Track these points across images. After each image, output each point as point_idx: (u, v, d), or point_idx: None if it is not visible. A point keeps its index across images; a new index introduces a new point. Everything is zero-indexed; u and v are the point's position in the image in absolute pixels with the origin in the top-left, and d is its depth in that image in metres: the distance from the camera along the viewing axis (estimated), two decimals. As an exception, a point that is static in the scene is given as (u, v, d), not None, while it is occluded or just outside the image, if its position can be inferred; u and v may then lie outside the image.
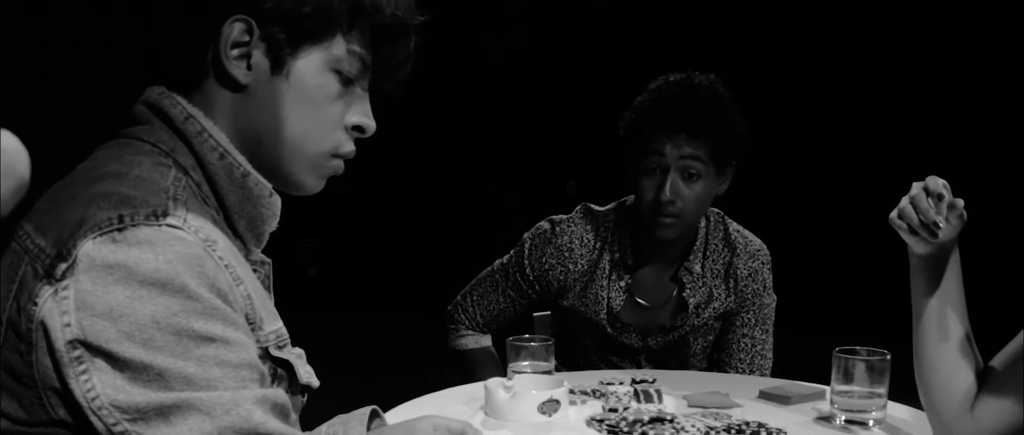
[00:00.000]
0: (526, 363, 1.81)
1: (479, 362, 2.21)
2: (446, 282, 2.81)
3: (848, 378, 1.54)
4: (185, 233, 0.90)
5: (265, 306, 1.02)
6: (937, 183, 1.31)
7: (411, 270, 5.42)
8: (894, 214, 1.35)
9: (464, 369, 2.21)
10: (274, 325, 1.02)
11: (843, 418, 1.55)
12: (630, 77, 2.17)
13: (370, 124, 1.08)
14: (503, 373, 2.14)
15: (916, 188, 1.33)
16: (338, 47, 1.02)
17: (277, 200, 1.07)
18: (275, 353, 1.00)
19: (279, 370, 1.01)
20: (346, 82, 1.04)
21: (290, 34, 0.99)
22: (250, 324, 0.96)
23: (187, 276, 0.88)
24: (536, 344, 1.81)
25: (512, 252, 2.18)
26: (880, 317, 3.61)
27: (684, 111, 1.94)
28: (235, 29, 0.98)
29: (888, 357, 1.54)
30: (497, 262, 2.21)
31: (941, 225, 1.29)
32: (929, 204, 1.30)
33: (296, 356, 1.04)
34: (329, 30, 1.01)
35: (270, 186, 1.06)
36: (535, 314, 2.33)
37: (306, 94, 1.02)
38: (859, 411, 1.53)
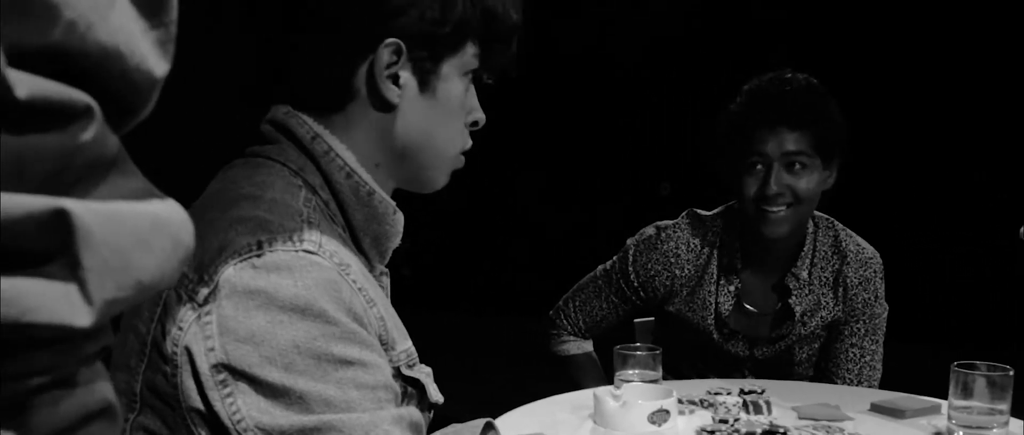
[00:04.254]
0: (633, 372, 1.81)
1: (582, 367, 2.23)
2: (539, 283, 2.84)
3: (967, 393, 1.51)
4: (321, 258, 0.93)
5: (396, 326, 1.05)
6: None
7: (500, 272, 5.46)
8: None
9: (566, 374, 2.22)
10: (404, 344, 1.05)
11: (961, 434, 1.51)
12: (705, 80, 2.17)
13: (483, 117, 1.13)
14: (605, 379, 2.16)
15: None
16: (468, 53, 1.06)
17: (400, 217, 1.11)
18: (406, 372, 1.03)
19: (409, 388, 1.04)
20: (468, 83, 1.09)
21: (433, 51, 1.03)
22: (383, 345, 0.99)
23: (325, 301, 0.91)
24: (644, 353, 1.82)
25: (615, 258, 2.18)
26: (989, 329, 3.51)
27: (782, 105, 1.95)
28: (386, 54, 1.01)
29: (1011, 372, 1.50)
30: (599, 268, 2.22)
31: None
32: None
33: (425, 375, 1.07)
34: (463, 41, 1.05)
35: (394, 204, 1.09)
36: (636, 321, 2.33)
37: (448, 104, 1.06)
38: (979, 428, 1.50)
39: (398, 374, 1.02)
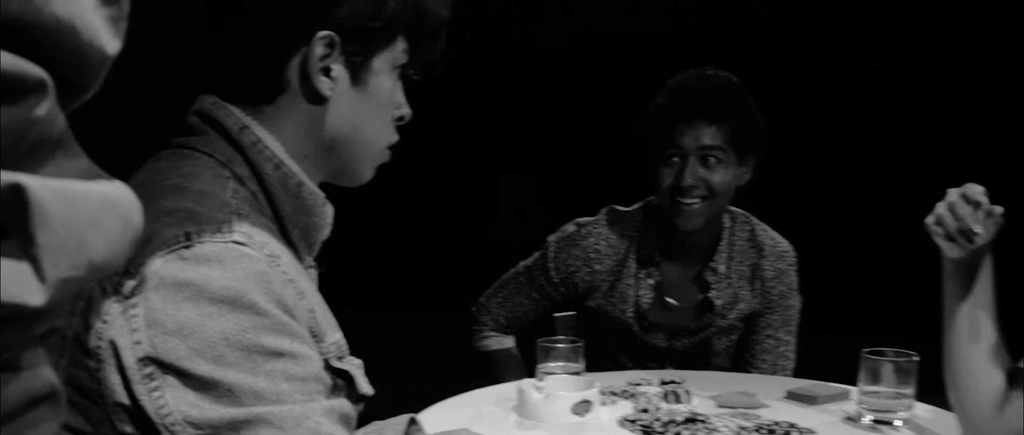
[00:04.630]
0: (556, 364, 1.84)
1: (503, 363, 2.25)
2: (462, 279, 2.84)
3: (876, 379, 1.58)
4: (251, 249, 0.92)
5: (326, 318, 1.05)
6: (975, 190, 1.34)
7: (420, 267, 5.43)
8: (931, 219, 1.38)
9: (489, 370, 2.24)
10: (334, 336, 1.05)
11: (870, 418, 1.58)
12: (649, 78, 2.21)
13: (409, 112, 1.14)
14: (526, 374, 2.18)
15: (954, 195, 1.36)
16: (398, 48, 1.07)
17: (329, 209, 1.11)
18: (336, 364, 1.03)
19: (339, 381, 1.04)
20: (397, 78, 1.10)
21: (366, 45, 1.04)
22: (314, 336, 0.99)
23: (255, 292, 0.90)
24: (565, 346, 1.85)
25: (536, 254, 2.21)
26: (896, 318, 3.63)
27: (700, 100, 2.00)
28: (319, 47, 1.01)
29: (916, 358, 1.57)
30: (521, 264, 2.24)
31: (978, 232, 1.32)
32: (968, 211, 1.33)
33: (355, 367, 1.07)
34: (395, 35, 1.06)
35: (322, 196, 1.09)
36: (556, 315, 2.36)
37: (378, 98, 1.07)
38: (886, 411, 1.56)
39: (328, 366, 1.02)
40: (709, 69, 2.07)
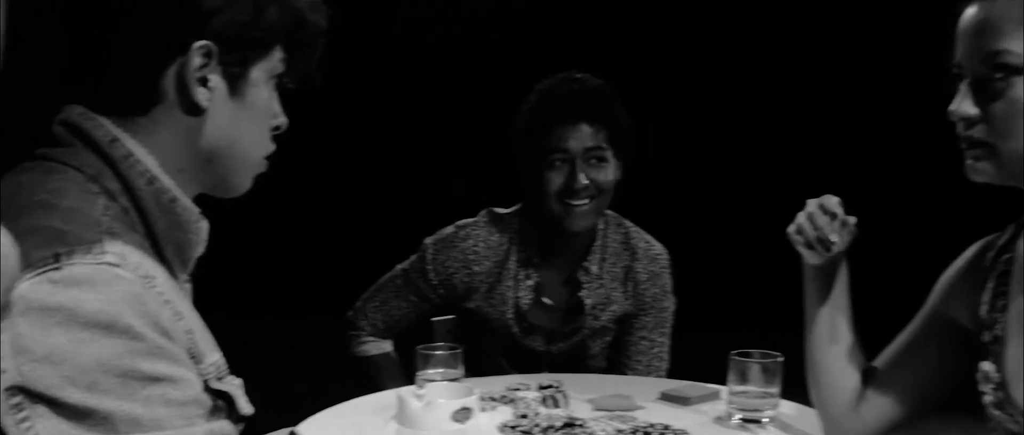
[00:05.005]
0: (435, 371, 1.85)
1: (382, 368, 2.24)
2: (338, 283, 2.82)
3: (744, 379, 1.64)
4: (124, 271, 0.89)
5: (205, 338, 1.02)
6: (832, 201, 1.42)
7: (296, 273, 5.33)
8: (792, 229, 1.45)
9: (368, 376, 2.23)
10: (214, 356, 1.02)
11: (739, 417, 1.64)
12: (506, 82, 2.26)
13: (286, 122, 1.12)
14: (406, 379, 2.18)
15: (812, 205, 1.43)
16: (275, 58, 1.06)
17: (205, 225, 1.08)
18: (215, 385, 1.00)
19: (219, 402, 1.02)
20: (273, 88, 1.08)
21: (243, 55, 1.02)
22: (192, 357, 0.97)
23: (130, 316, 0.87)
24: (445, 352, 1.85)
25: (414, 257, 2.21)
26: (762, 318, 3.77)
27: (580, 102, 2.05)
28: (196, 56, 0.98)
29: (780, 359, 1.64)
30: (398, 267, 2.24)
31: (835, 241, 1.40)
32: (825, 221, 1.40)
33: (235, 387, 1.05)
34: (273, 45, 1.04)
35: (197, 211, 1.06)
36: (434, 319, 2.36)
37: (255, 109, 1.05)
38: (754, 410, 1.63)
39: (207, 388, 1.00)
40: (575, 72, 2.12)
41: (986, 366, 1.27)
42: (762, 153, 5.09)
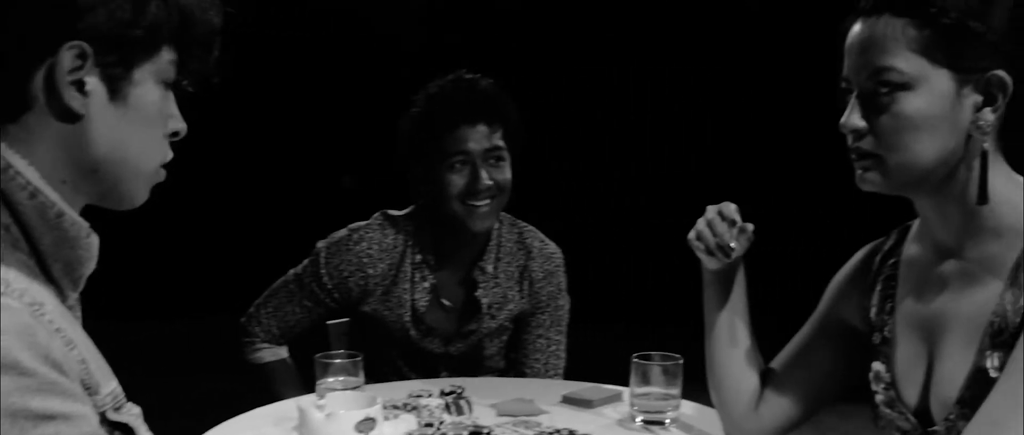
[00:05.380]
0: (335, 379, 1.81)
1: (278, 375, 2.20)
2: (234, 285, 2.75)
3: (646, 381, 1.67)
4: (10, 299, 0.83)
5: (99, 366, 0.97)
6: (730, 209, 1.46)
7: (188, 275, 5.16)
8: (692, 235, 1.48)
9: (263, 383, 2.18)
10: (110, 385, 0.97)
11: (642, 419, 1.67)
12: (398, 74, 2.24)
13: (184, 127, 1.06)
14: (303, 385, 2.14)
15: (711, 212, 1.47)
16: (164, 58, 0.99)
17: (95, 240, 1.02)
18: (113, 417, 0.95)
19: (117, 433, 0.97)
20: (166, 91, 1.01)
21: (124, 55, 0.95)
22: (86, 388, 0.91)
23: (18, 350, 0.81)
24: (345, 360, 1.82)
25: (307, 261, 2.17)
26: (661, 317, 3.86)
27: (477, 103, 2.05)
28: (68, 58, 0.91)
29: (680, 361, 1.68)
30: (291, 272, 2.20)
31: (734, 247, 1.43)
32: (724, 228, 1.44)
33: (134, 416, 1.00)
34: (157, 46, 0.98)
35: (86, 225, 1.00)
36: (329, 323, 2.33)
37: (142, 114, 0.98)
38: (657, 412, 1.67)
39: (104, 420, 0.95)
40: (465, 72, 2.12)
41: (877, 366, 1.33)
42: (659, 156, 5.18)
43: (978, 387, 1.16)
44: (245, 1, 1.06)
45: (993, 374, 1.15)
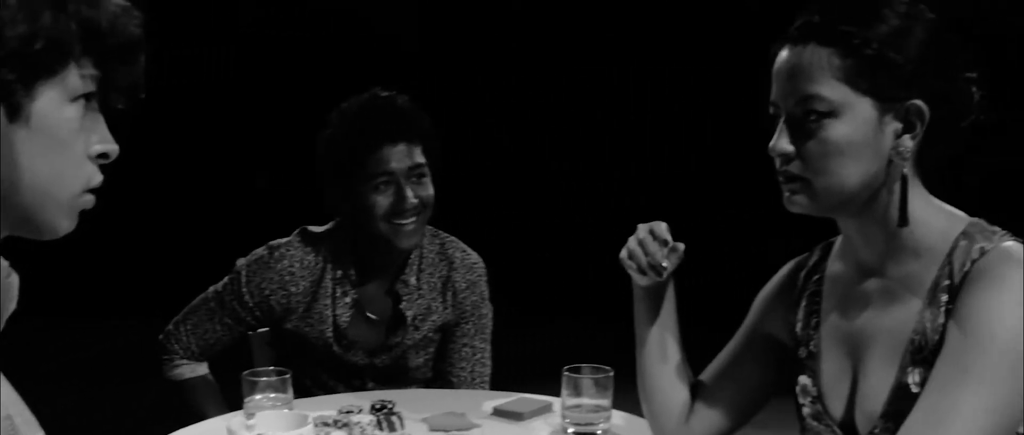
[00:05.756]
0: (263, 397, 1.79)
1: (199, 392, 2.16)
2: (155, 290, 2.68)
3: (576, 393, 1.70)
4: None
5: (25, 418, 0.93)
6: (661, 228, 1.49)
7: (103, 278, 4.97)
8: (624, 254, 1.50)
9: (183, 400, 2.15)
10: None
11: (574, 430, 1.70)
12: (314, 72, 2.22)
13: (114, 148, 0.98)
14: (224, 401, 2.11)
15: (643, 231, 1.49)
16: (73, 76, 0.91)
17: (14, 280, 0.95)
18: None
19: None
20: (84, 111, 0.93)
21: (22, 74, 0.87)
22: None
23: None
24: (273, 378, 1.80)
25: (227, 279, 2.14)
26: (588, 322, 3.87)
27: (397, 122, 2.04)
28: None
29: (611, 373, 1.71)
30: (211, 289, 2.17)
31: (665, 266, 1.46)
32: (656, 247, 1.47)
33: None
34: (63, 61, 0.90)
35: (6, 264, 0.95)
36: (251, 333, 2.29)
37: (50, 135, 0.90)
38: (588, 423, 1.69)
39: None
40: (380, 90, 2.11)
41: (803, 380, 1.38)
42: (659, 156, 5.17)
43: (901, 402, 1.22)
44: (245, 1, 1.02)
45: (915, 389, 1.21)
